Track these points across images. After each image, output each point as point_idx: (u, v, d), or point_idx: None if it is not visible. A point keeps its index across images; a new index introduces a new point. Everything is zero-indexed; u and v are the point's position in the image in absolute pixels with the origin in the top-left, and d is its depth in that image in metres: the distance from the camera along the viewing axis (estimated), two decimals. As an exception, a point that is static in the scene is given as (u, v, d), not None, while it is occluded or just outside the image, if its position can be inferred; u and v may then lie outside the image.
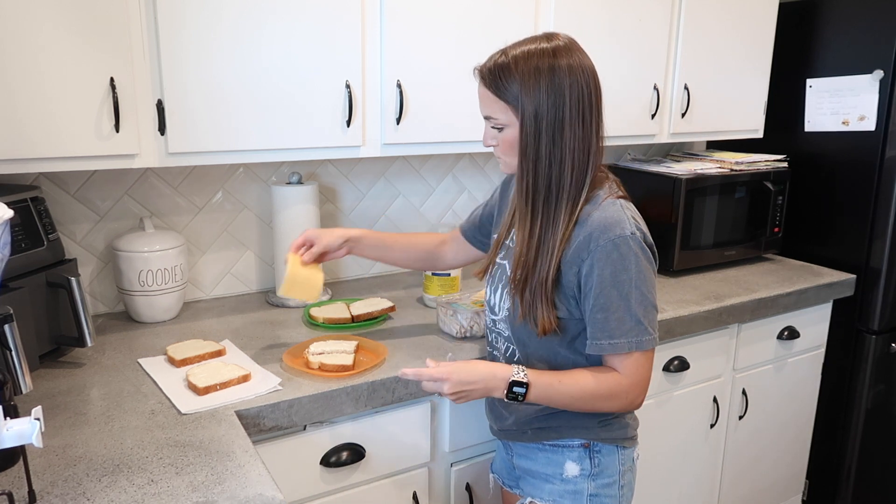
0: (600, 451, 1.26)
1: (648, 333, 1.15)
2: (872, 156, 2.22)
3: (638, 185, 2.25)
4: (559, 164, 1.13)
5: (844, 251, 2.33)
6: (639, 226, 1.16)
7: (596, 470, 1.25)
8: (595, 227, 1.13)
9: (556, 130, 1.12)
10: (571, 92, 1.11)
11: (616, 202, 1.16)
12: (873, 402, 2.34)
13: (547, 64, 1.11)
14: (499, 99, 1.15)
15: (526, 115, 1.13)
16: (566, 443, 1.27)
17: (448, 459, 1.56)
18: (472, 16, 1.74)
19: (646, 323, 1.14)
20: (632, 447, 1.29)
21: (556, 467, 1.28)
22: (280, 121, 1.56)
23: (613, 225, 1.12)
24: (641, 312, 1.14)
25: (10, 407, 1.01)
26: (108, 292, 1.78)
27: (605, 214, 1.14)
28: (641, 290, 1.13)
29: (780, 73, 2.39)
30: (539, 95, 1.11)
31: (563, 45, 1.14)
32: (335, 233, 1.48)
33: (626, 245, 1.12)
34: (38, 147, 1.32)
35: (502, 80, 1.14)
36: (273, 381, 1.36)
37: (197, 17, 1.43)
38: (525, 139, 1.14)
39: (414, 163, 2.13)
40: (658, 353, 1.87)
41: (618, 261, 1.12)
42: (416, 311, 1.82)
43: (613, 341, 1.14)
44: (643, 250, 1.14)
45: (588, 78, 1.13)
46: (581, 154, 1.14)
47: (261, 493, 1.01)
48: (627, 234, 1.12)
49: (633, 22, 2.00)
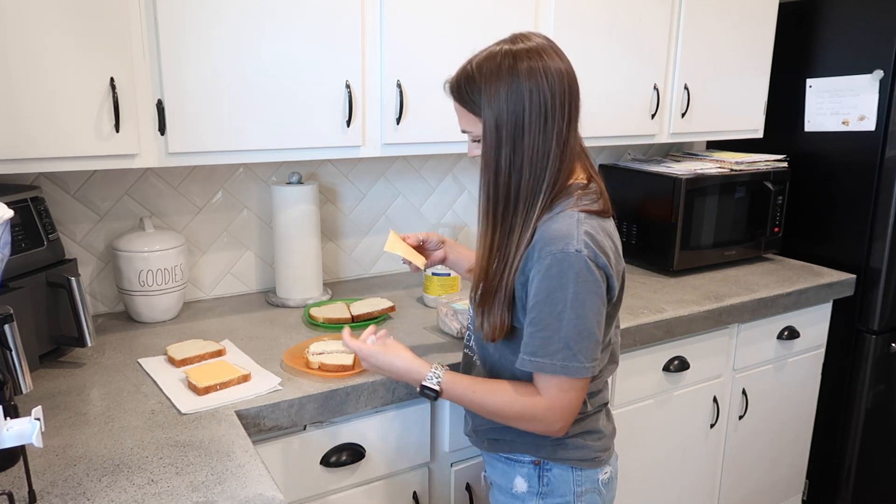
0: (551, 469, 1.21)
1: (578, 361, 1.06)
2: (872, 156, 2.22)
3: (638, 185, 2.25)
4: (518, 171, 1.09)
5: (844, 251, 2.33)
6: (590, 244, 1.06)
7: (545, 489, 1.21)
8: (540, 239, 1.08)
9: (516, 138, 1.07)
10: (532, 97, 1.06)
11: (574, 215, 1.09)
12: (873, 402, 2.34)
13: (507, 66, 1.07)
14: (469, 112, 1.12)
15: (488, 126, 1.09)
16: (517, 457, 1.23)
17: (448, 459, 1.56)
18: (473, 15, 1.74)
19: (576, 349, 1.06)
20: (594, 468, 1.23)
21: (507, 480, 1.25)
22: (280, 121, 1.56)
23: (558, 239, 1.06)
24: (573, 337, 1.05)
25: (10, 407, 1.01)
26: (108, 292, 1.78)
27: (555, 226, 1.07)
28: (578, 312, 1.05)
29: (780, 73, 2.39)
30: (499, 103, 1.07)
31: (526, 48, 1.09)
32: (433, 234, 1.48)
33: (567, 262, 1.04)
34: (38, 147, 1.32)
35: (468, 91, 1.11)
36: (273, 381, 1.36)
37: (197, 17, 1.43)
38: (487, 150, 1.10)
39: (414, 163, 2.13)
40: (658, 353, 1.87)
41: (555, 277, 1.05)
42: (416, 311, 1.82)
43: (535, 359, 1.08)
44: (588, 271, 1.05)
45: (553, 81, 1.07)
46: (540, 161, 1.08)
47: (261, 493, 1.01)
48: (571, 250, 1.04)
49: (633, 22, 2.00)
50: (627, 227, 2.30)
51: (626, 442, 1.89)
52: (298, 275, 1.85)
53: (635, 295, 1.99)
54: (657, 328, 1.80)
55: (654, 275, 2.20)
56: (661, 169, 2.22)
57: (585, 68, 1.94)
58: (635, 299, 1.95)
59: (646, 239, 2.23)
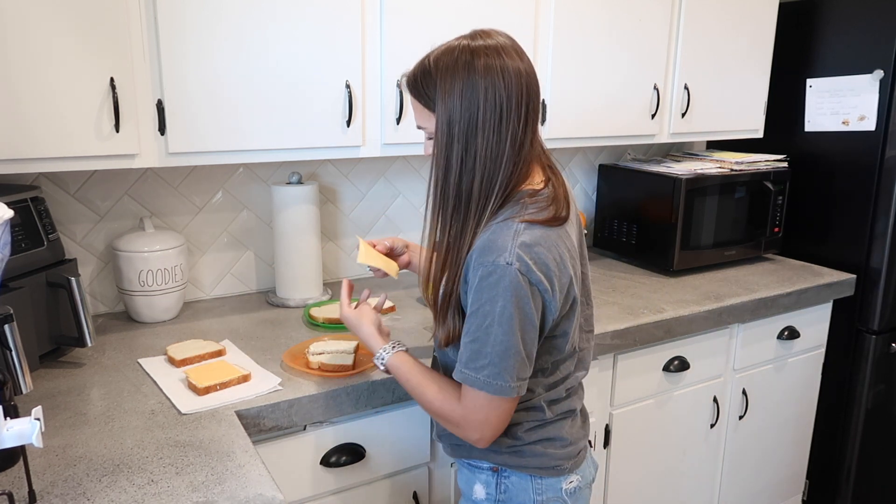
0: (509, 477, 1.18)
1: (503, 380, 1.02)
2: (872, 156, 2.22)
3: (638, 185, 2.25)
4: (470, 172, 1.05)
5: (844, 251, 2.33)
6: (524, 257, 1.01)
7: (502, 496, 1.18)
8: (477, 247, 1.04)
9: (468, 136, 1.04)
10: (487, 95, 1.02)
11: (512, 225, 1.04)
12: (873, 402, 2.34)
13: (463, 62, 1.03)
14: (424, 108, 1.09)
15: (440, 122, 1.05)
16: (477, 464, 1.21)
17: (448, 459, 1.56)
18: (472, 15, 1.74)
19: (501, 367, 1.02)
20: (555, 477, 1.17)
21: (468, 486, 1.24)
22: (280, 121, 1.56)
23: (491, 250, 1.02)
24: (499, 354, 1.02)
25: (10, 407, 1.01)
26: (108, 292, 1.78)
27: (491, 236, 1.03)
28: (504, 329, 1.01)
29: (780, 73, 2.39)
30: (453, 99, 1.04)
31: (485, 45, 1.05)
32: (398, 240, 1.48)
33: (497, 275, 1.00)
34: (38, 147, 1.32)
35: (424, 86, 1.08)
36: (273, 381, 1.36)
37: (197, 17, 1.43)
38: (438, 147, 1.07)
39: (414, 163, 2.13)
40: (658, 353, 1.87)
41: (485, 290, 1.01)
42: (416, 311, 1.82)
43: (463, 370, 1.05)
44: (518, 287, 1.00)
45: (510, 80, 1.03)
46: (492, 162, 1.04)
47: (261, 493, 1.01)
48: (502, 262, 1.00)
49: (633, 22, 2.00)
50: (627, 227, 2.30)
51: (627, 442, 1.89)
52: (298, 275, 1.85)
53: (635, 295, 1.99)
54: (657, 328, 1.80)
55: (654, 275, 2.20)
56: (661, 169, 2.22)
57: (585, 68, 1.95)
58: (635, 299, 1.95)
59: (646, 239, 2.23)
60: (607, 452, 1.86)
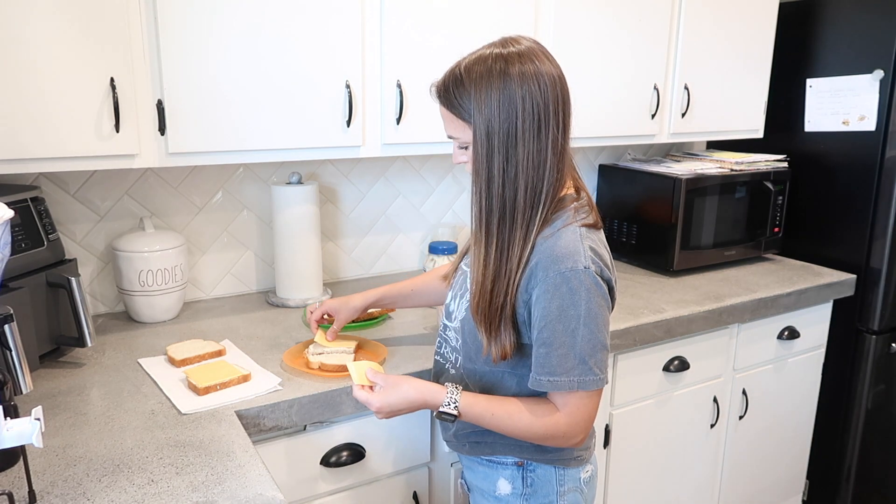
0: (534, 470, 1.20)
1: (593, 374, 1.06)
2: (872, 156, 2.22)
3: (638, 185, 2.25)
4: (513, 182, 1.05)
5: (844, 251, 2.33)
6: (595, 259, 1.06)
7: (529, 490, 1.20)
8: (545, 257, 1.05)
9: (509, 146, 1.04)
10: (525, 103, 1.03)
11: (575, 230, 1.07)
12: (873, 402, 2.34)
13: (498, 70, 1.04)
14: (457, 117, 1.09)
15: (478, 133, 1.05)
16: (500, 459, 1.22)
17: (448, 459, 1.56)
18: (473, 15, 1.74)
19: (591, 363, 1.06)
20: (576, 467, 1.21)
21: (490, 483, 1.24)
22: (280, 121, 1.56)
23: (565, 257, 1.04)
24: (587, 351, 1.05)
25: (10, 407, 1.01)
26: (108, 292, 1.78)
27: (558, 243, 1.06)
28: (590, 327, 1.05)
29: (780, 73, 2.39)
30: (490, 109, 1.04)
31: (516, 52, 1.05)
32: (353, 302, 1.46)
33: (578, 279, 1.03)
34: (38, 147, 1.32)
35: (457, 96, 1.07)
36: (273, 381, 1.36)
37: (197, 17, 1.43)
38: (478, 158, 1.06)
39: (414, 163, 2.13)
40: (658, 353, 1.87)
41: (566, 295, 1.04)
42: (416, 311, 1.82)
43: (553, 378, 1.07)
44: (597, 286, 1.05)
45: (545, 86, 1.04)
46: (534, 172, 1.05)
47: (261, 493, 1.01)
48: (580, 267, 1.04)
49: (633, 22, 2.00)
50: (627, 227, 2.30)
51: (626, 442, 1.89)
52: (298, 275, 1.85)
53: (635, 295, 1.99)
54: (657, 328, 1.80)
55: (654, 275, 2.20)
56: (661, 169, 2.22)
57: (585, 68, 1.95)
58: (635, 299, 1.95)
59: (646, 239, 2.23)
60: (607, 452, 1.86)
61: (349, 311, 1.46)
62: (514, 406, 1.12)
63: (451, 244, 2.00)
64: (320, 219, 1.90)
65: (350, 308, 1.46)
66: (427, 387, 1.15)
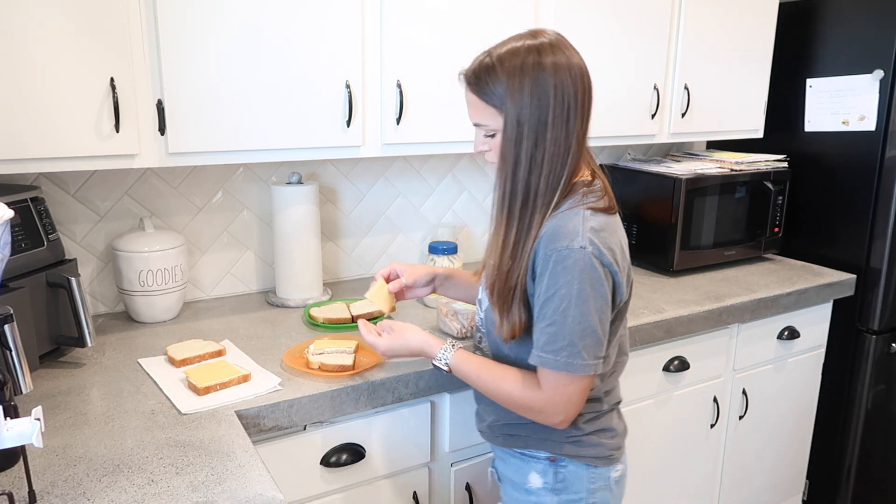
0: (566, 466, 1.21)
1: (582, 358, 1.07)
2: (872, 156, 2.22)
3: (638, 185, 2.25)
4: (539, 167, 1.09)
5: (844, 251, 2.33)
6: (595, 241, 1.07)
7: (560, 485, 1.22)
8: (546, 235, 1.08)
9: (538, 133, 1.07)
10: (556, 92, 1.06)
11: (579, 212, 1.09)
12: (873, 402, 2.34)
13: (532, 62, 1.06)
14: (487, 104, 1.11)
15: (509, 120, 1.08)
16: (532, 453, 1.23)
17: (448, 459, 1.56)
18: (472, 16, 1.73)
19: (580, 346, 1.06)
20: (607, 466, 1.23)
21: (521, 476, 1.25)
22: (280, 121, 1.56)
23: (563, 235, 1.06)
24: (577, 334, 1.06)
25: (10, 407, 1.01)
26: (108, 292, 1.78)
27: (559, 223, 1.08)
28: (581, 310, 1.06)
29: (780, 73, 2.39)
30: (523, 98, 1.06)
31: (548, 42, 1.09)
32: (421, 269, 1.46)
33: (572, 258, 1.05)
34: (38, 147, 1.32)
35: (488, 83, 1.09)
36: (273, 381, 1.36)
37: (197, 17, 1.43)
38: (507, 144, 1.09)
39: (414, 163, 2.14)
40: (658, 353, 1.87)
41: (560, 274, 1.06)
42: (416, 311, 1.82)
43: (542, 355, 1.09)
44: (592, 269, 1.06)
45: (575, 77, 1.08)
46: (559, 158, 1.09)
47: (261, 493, 1.01)
48: (576, 247, 1.05)
49: (633, 22, 2.00)
50: (627, 227, 2.28)
51: (627, 442, 1.89)
52: (298, 275, 1.85)
53: (635, 295, 1.99)
54: (657, 328, 1.80)
55: (654, 275, 2.20)
56: (661, 169, 2.22)
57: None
58: (635, 299, 1.95)
59: (646, 239, 2.23)
60: (607, 452, 1.86)
61: (418, 273, 1.46)
62: (501, 372, 1.17)
63: (451, 244, 2.00)
64: (320, 219, 1.90)
65: (419, 272, 1.46)
66: (428, 339, 1.25)
